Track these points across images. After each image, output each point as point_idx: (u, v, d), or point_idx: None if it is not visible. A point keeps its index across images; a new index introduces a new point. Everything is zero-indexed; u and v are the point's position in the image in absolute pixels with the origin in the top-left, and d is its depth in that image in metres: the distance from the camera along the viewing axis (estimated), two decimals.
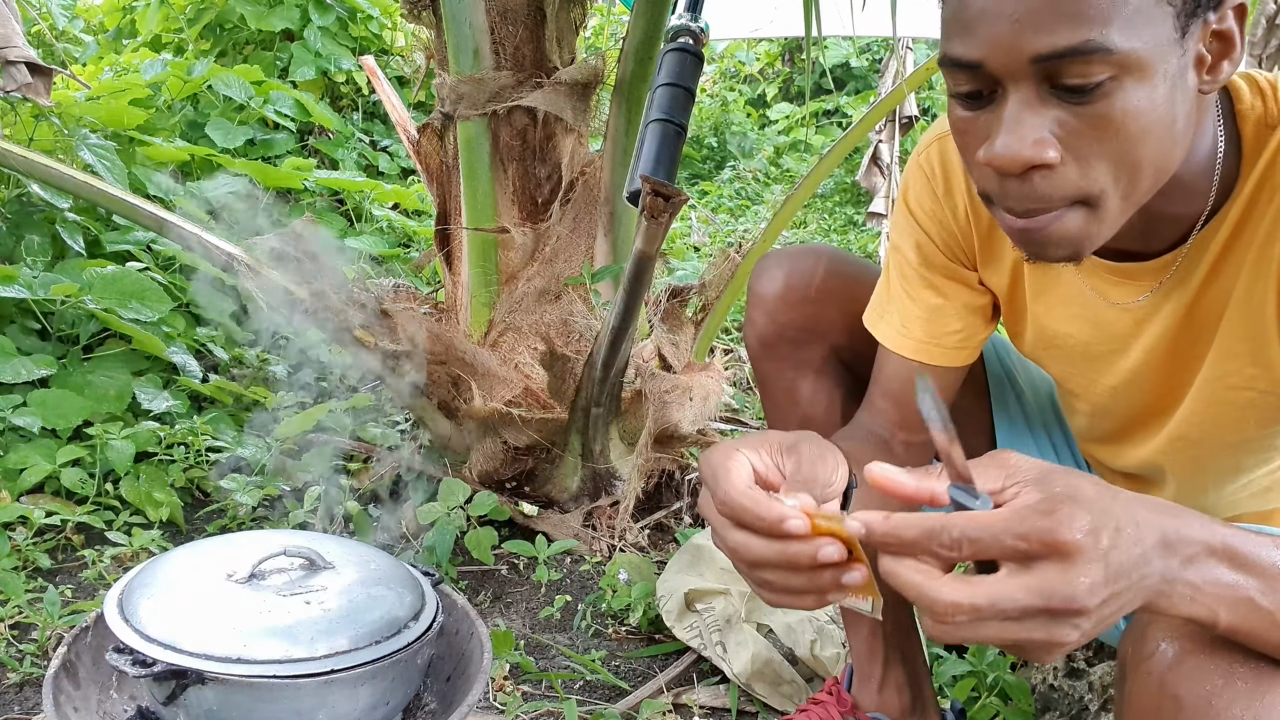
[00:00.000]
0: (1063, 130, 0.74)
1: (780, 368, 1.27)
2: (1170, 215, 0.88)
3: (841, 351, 1.25)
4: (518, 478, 2.04)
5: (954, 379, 1.13)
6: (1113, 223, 0.79)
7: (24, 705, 1.46)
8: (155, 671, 1.01)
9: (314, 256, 1.99)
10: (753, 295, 1.27)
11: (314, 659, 1.06)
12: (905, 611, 1.33)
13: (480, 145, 1.98)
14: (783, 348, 1.26)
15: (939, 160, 1.05)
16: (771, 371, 1.28)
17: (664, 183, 1.29)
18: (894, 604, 1.28)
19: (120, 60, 3.97)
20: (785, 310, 1.24)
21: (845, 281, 1.22)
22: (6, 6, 2.36)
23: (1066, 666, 1.50)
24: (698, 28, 1.38)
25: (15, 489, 1.92)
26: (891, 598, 0.68)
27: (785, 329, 1.24)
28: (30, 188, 2.55)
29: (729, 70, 7.95)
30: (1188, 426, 1.01)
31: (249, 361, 2.65)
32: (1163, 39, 0.71)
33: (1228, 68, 0.76)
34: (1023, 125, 0.74)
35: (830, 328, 1.23)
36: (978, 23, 0.73)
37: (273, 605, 1.10)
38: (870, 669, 1.32)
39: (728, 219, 5.21)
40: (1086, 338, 1.02)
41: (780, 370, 1.27)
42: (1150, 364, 0.99)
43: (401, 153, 4.31)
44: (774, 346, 1.26)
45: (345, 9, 4.31)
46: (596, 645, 1.70)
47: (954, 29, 0.76)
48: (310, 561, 1.18)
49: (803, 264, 1.23)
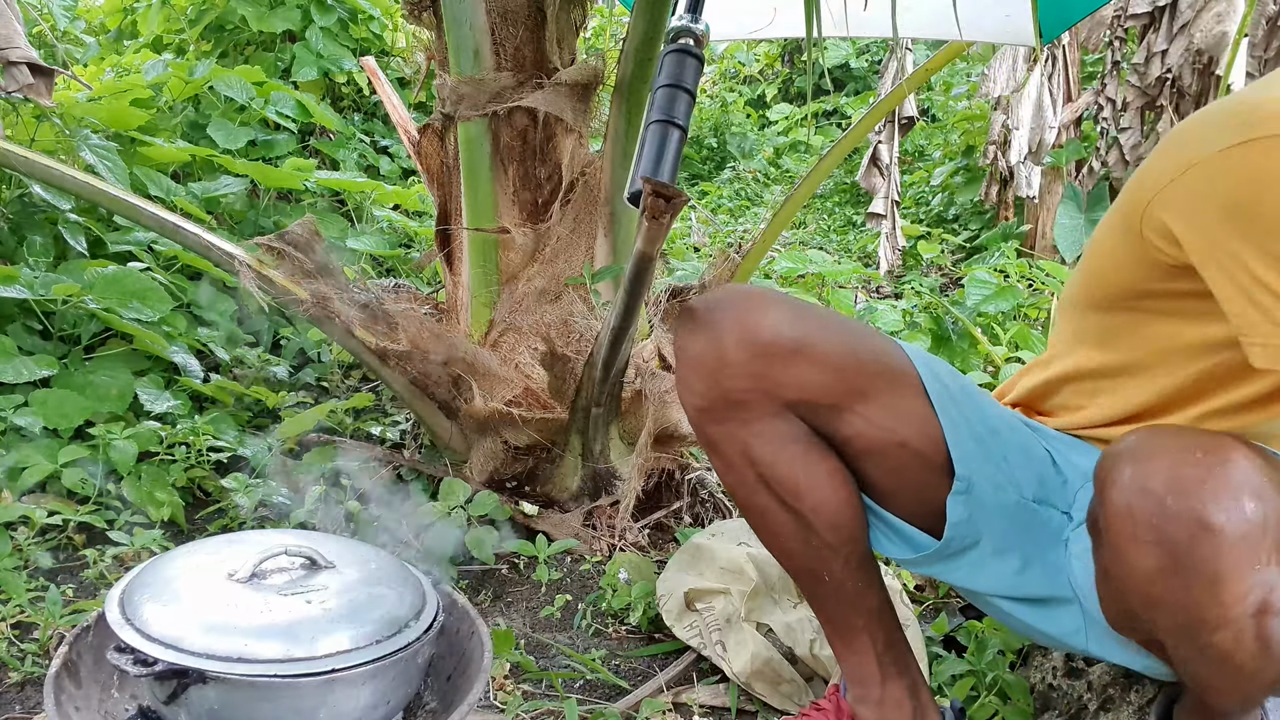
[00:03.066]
0: None
1: (728, 430, 1.17)
2: None
3: (797, 407, 1.16)
4: (518, 477, 2.04)
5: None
6: None
7: (25, 704, 1.46)
8: (156, 671, 1.01)
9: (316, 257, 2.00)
10: (685, 357, 1.17)
11: (315, 658, 1.06)
12: (893, 629, 1.30)
13: (481, 146, 1.99)
14: (727, 410, 1.16)
15: None
16: (719, 435, 1.19)
17: (665, 184, 1.28)
18: (881, 625, 1.28)
19: (122, 61, 3.97)
20: (729, 375, 1.13)
21: (795, 333, 1.13)
22: (8, 7, 2.37)
23: (1066, 666, 1.50)
24: (698, 29, 1.37)
25: (16, 489, 1.92)
26: (879, 619, 0.69)
27: (731, 393, 1.14)
28: (32, 188, 2.56)
29: (729, 71, 7.96)
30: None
31: (250, 362, 2.66)
32: None
33: None
34: None
35: (783, 386, 1.14)
36: None
37: (274, 604, 1.10)
38: (868, 689, 1.30)
39: (728, 219, 5.21)
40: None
41: (729, 433, 1.18)
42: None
43: (402, 153, 4.31)
44: (718, 411, 1.17)
45: (346, 10, 4.31)
46: (597, 644, 1.70)
47: None
48: (311, 561, 1.18)
49: (744, 319, 1.13)
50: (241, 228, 3.21)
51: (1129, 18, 4.05)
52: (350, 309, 1.98)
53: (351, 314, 1.98)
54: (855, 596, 1.25)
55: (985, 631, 1.56)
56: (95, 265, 2.43)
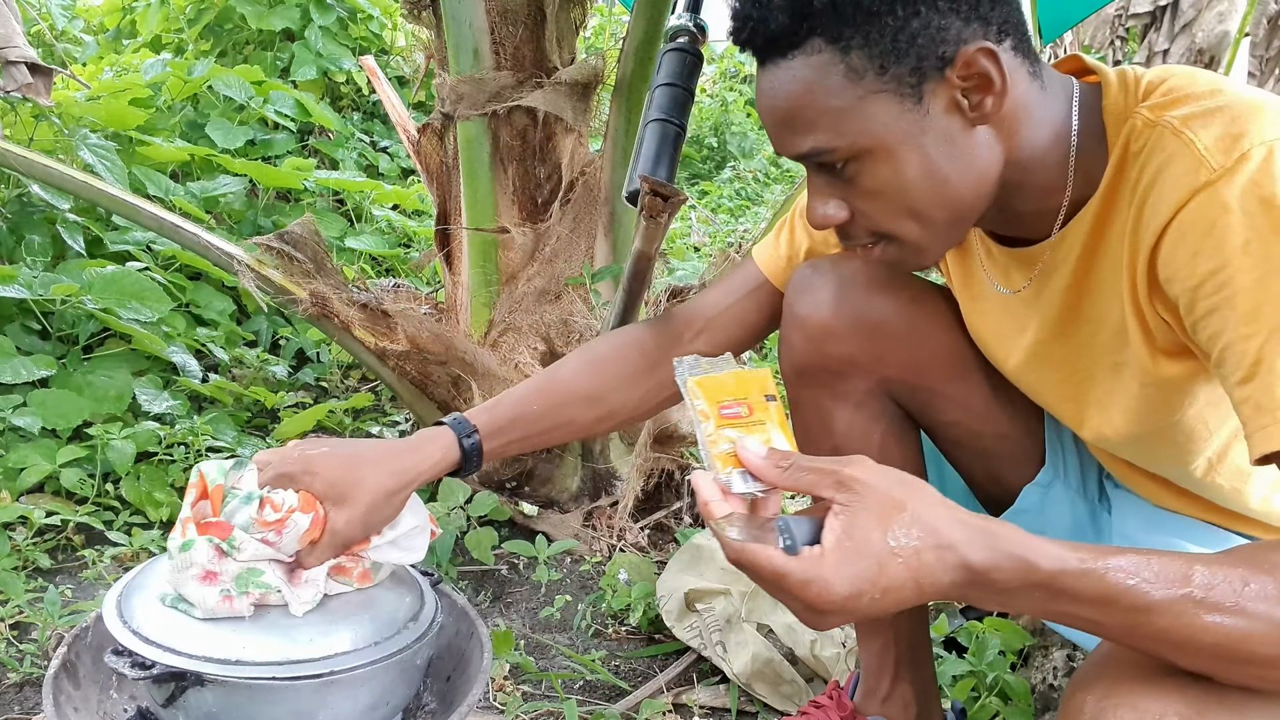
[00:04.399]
0: (842, 195, 0.92)
1: (816, 395, 1.18)
2: (1031, 211, 0.95)
3: (891, 385, 1.16)
4: (518, 478, 2.04)
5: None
6: (931, 241, 0.93)
7: (24, 705, 1.46)
8: (154, 674, 1.01)
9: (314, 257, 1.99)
10: (791, 315, 1.16)
11: (313, 660, 1.06)
12: (920, 629, 1.31)
13: (480, 145, 1.98)
14: (822, 377, 1.16)
15: None
16: (806, 399, 1.19)
17: (663, 183, 1.28)
18: (909, 620, 1.28)
19: (120, 60, 3.96)
20: (830, 341, 1.13)
21: (904, 308, 1.12)
22: (7, 6, 2.36)
23: (1066, 666, 1.50)
24: (697, 28, 1.37)
25: (15, 489, 1.92)
26: (909, 614, 0.70)
27: (829, 360, 1.14)
28: (30, 188, 2.55)
29: (729, 70, 7.94)
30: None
31: (249, 361, 2.65)
32: (890, 118, 0.86)
33: (992, 102, 0.86)
34: (815, 197, 0.93)
35: (881, 362, 1.13)
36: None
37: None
38: (878, 683, 1.29)
39: (728, 219, 5.21)
40: (994, 325, 1.08)
41: (816, 398, 1.18)
42: (1044, 344, 1.03)
43: (401, 153, 4.31)
44: (812, 375, 1.16)
45: (346, 9, 4.30)
46: (596, 645, 1.70)
47: None
48: None
49: (855, 286, 1.12)
50: (240, 227, 3.20)
51: (1130, 17, 4.05)
52: (349, 309, 1.98)
53: (351, 314, 1.98)
54: None
55: (986, 632, 1.56)
56: (94, 265, 2.43)
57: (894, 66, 0.84)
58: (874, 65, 0.85)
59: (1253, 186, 0.78)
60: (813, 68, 0.86)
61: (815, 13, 0.85)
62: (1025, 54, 0.89)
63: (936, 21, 0.84)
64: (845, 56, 0.85)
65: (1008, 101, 0.87)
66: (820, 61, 0.86)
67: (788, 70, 0.87)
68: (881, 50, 0.84)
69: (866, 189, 0.89)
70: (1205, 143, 0.81)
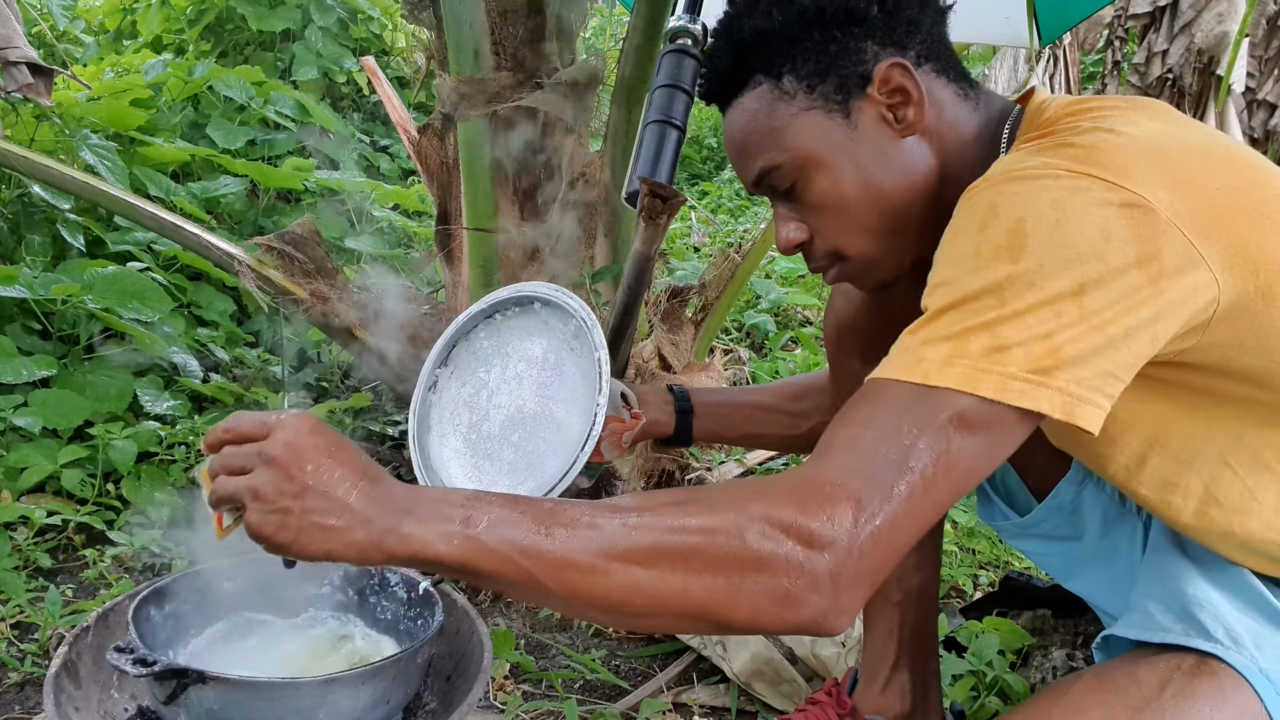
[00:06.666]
0: (800, 217, 1.02)
1: (850, 358, 1.24)
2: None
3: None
4: None
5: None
6: (877, 253, 1.01)
7: (25, 705, 1.46)
8: (156, 671, 1.01)
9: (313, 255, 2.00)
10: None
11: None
12: (926, 620, 1.31)
13: (480, 146, 1.99)
14: (861, 336, 1.22)
15: None
16: (841, 359, 1.26)
17: (662, 184, 1.28)
18: (915, 608, 1.28)
19: (121, 61, 3.97)
20: (872, 302, 1.20)
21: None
22: (7, 7, 2.37)
23: (1066, 666, 1.50)
24: (697, 29, 1.37)
25: (16, 489, 1.92)
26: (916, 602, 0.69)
27: (869, 319, 1.21)
28: (31, 188, 2.56)
29: None
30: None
31: (250, 362, 2.65)
32: (823, 132, 0.96)
33: (914, 112, 0.96)
34: (779, 223, 1.04)
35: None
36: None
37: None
38: (878, 668, 1.30)
39: (728, 219, 5.21)
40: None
41: (848, 360, 1.24)
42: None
43: (402, 153, 4.31)
44: (851, 334, 1.23)
45: (346, 10, 4.31)
46: (596, 645, 1.70)
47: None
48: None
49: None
50: (241, 228, 3.20)
51: (1129, 17, 4.05)
52: (350, 309, 1.98)
53: (351, 314, 1.98)
54: (902, 569, 1.25)
55: (985, 632, 1.56)
56: (94, 265, 2.43)
57: (820, 85, 0.97)
58: (802, 85, 0.97)
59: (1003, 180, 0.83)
60: (756, 99, 1.00)
61: (750, 49, 0.99)
62: (953, 78, 0.99)
63: (852, 45, 0.96)
64: (779, 82, 0.98)
65: (931, 114, 0.97)
66: (761, 93, 0.99)
67: (739, 108, 1.02)
68: (807, 71, 0.97)
69: (812, 203, 1.00)
70: (1026, 160, 0.84)
